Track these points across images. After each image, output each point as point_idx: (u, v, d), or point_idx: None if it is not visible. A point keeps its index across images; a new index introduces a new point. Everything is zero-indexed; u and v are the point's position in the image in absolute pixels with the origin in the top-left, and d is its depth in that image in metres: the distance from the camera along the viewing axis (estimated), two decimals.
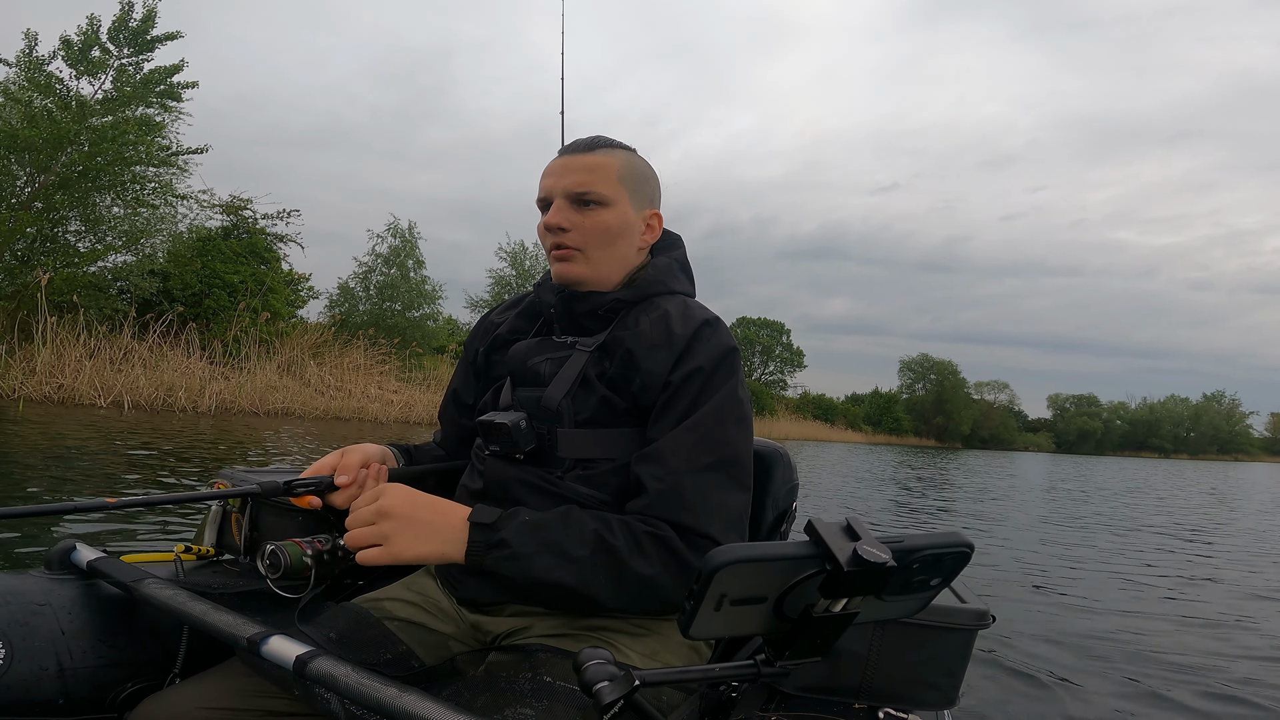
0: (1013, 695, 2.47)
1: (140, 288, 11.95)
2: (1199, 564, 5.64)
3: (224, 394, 11.50)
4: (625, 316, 1.02)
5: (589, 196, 1.00)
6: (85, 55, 11.82)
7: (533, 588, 0.86)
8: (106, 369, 10.59)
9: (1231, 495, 14.95)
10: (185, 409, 10.68)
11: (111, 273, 12.12)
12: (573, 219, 1.01)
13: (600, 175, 1.01)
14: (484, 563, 0.86)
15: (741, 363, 1.00)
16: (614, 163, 1.02)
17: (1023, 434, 65.19)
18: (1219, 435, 74.88)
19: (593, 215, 1.01)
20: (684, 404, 0.94)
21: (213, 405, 11.12)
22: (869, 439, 46.46)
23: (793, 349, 48.06)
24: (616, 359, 0.98)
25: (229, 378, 12.12)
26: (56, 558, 1.01)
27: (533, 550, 0.85)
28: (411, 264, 18.34)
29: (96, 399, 9.98)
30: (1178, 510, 10.42)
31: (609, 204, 1.01)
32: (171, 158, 12.14)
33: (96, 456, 5.49)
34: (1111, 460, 46.56)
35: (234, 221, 14.99)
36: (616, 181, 1.01)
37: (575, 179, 1.01)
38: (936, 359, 58.17)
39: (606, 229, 1.01)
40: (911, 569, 0.59)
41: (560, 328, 1.05)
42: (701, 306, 1.04)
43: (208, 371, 12.00)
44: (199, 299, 13.12)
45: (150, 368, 11.17)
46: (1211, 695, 2.64)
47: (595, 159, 1.02)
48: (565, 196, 1.01)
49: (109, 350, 10.95)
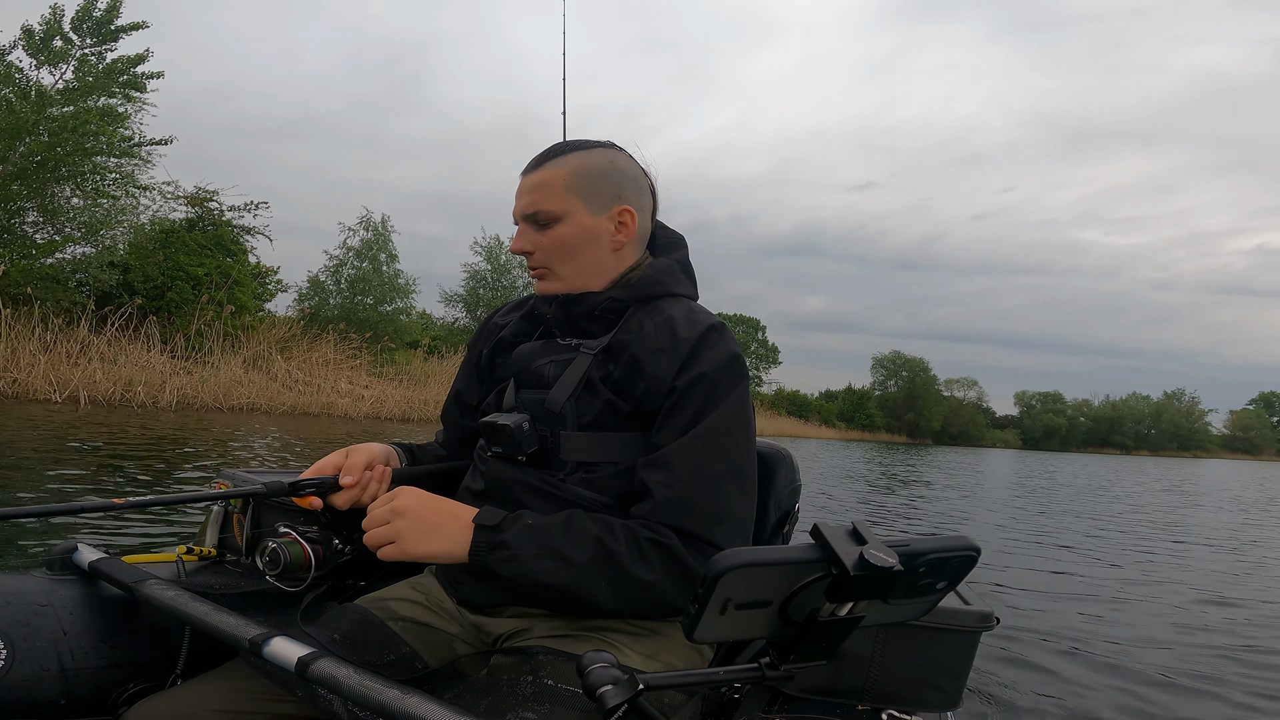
0: (1015, 696, 2.46)
1: (99, 280, 11.68)
2: (1189, 562, 5.66)
3: (185, 389, 11.28)
4: (629, 319, 1.01)
5: (540, 216, 1.01)
6: (47, 45, 11.51)
7: (533, 590, 0.88)
8: (63, 363, 10.33)
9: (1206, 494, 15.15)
10: (145, 404, 10.46)
11: (70, 265, 11.83)
12: (534, 239, 1.02)
13: (545, 192, 1.01)
14: (485, 563, 0.87)
15: (747, 368, 1.00)
16: (560, 174, 1.01)
17: (991, 430, 65.95)
18: (1179, 432, 76.16)
19: (549, 233, 1.01)
20: (690, 410, 0.94)
21: (173, 400, 10.90)
22: (842, 435, 46.86)
23: (768, 345, 48.50)
24: (621, 363, 0.98)
25: (192, 372, 11.89)
26: (58, 558, 1.01)
27: (533, 553, 0.86)
28: (385, 257, 18.13)
29: (51, 394, 9.74)
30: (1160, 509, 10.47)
31: (561, 218, 1.01)
32: (134, 148, 11.87)
33: (28, 455, 5.35)
34: (1076, 456, 47.37)
35: (199, 213, 14.70)
36: (564, 193, 1.01)
37: (526, 201, 1.02)
38: (909, 356, 58.68)
39: (565, 243, 1.01)
40: (918, 573, 0.58)
41: (562, 332, 1.05)
42: (705, 311, 1.03)
43: (169, 366, 11.76)
44: (161, 292, 12.85)
45: (108, 362, 10.92)
46: (1212, 694, 2.64)
47: (541, 175, 1.02)
48: (523, 219, 1.03)
49: (65, 344, 10.69)
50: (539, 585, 0.87)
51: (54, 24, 11.60)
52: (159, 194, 13.22)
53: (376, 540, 0.90)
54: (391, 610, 1.00)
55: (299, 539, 1.01)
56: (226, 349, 12.97)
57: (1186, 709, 2.52)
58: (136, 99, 12.28)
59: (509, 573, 0.87)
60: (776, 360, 49.39)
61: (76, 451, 5.81)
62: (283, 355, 14.07)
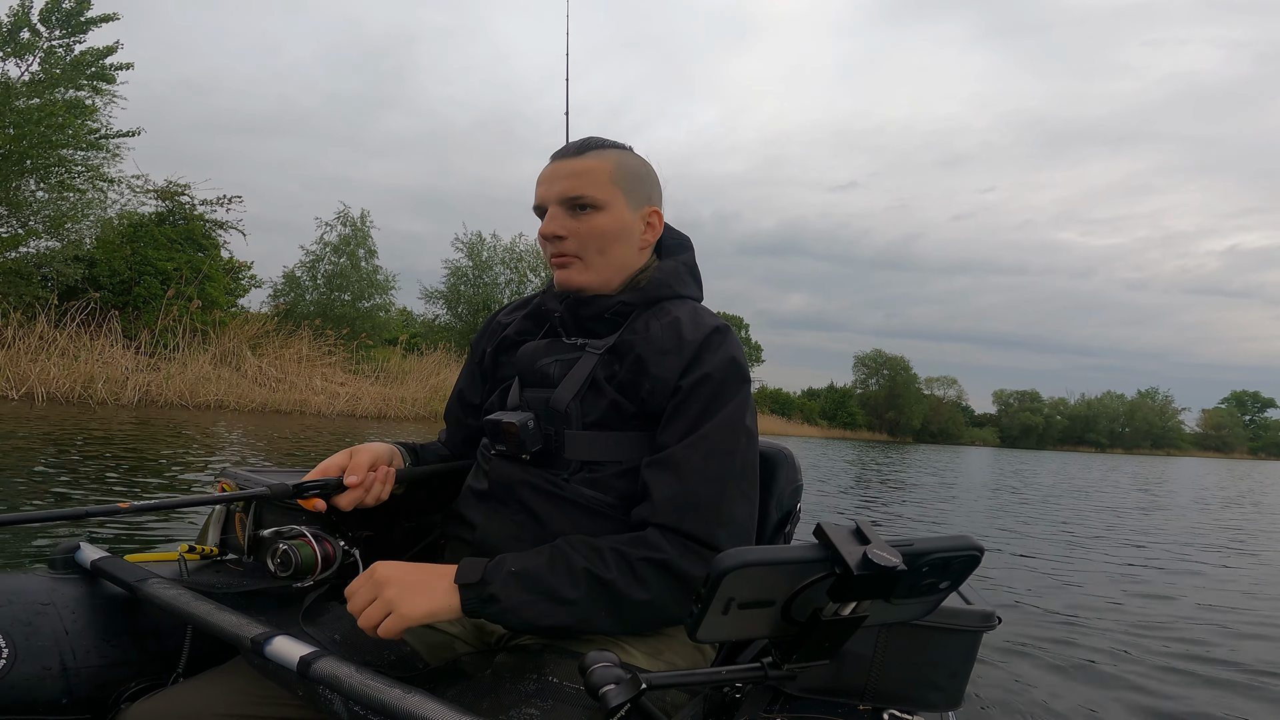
0: (1016, 696, 2.44)
1: (63, 274, 11.42)
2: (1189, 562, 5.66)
3: (149, 385, 11.03)
4: (635, 320, 1.01)
5: (582, 201, 0.99)
6: (13, 37, 11.24)
7: (536, 631, 0.88)
8: (21, 359, 10.07)
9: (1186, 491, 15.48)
10: (105, 401, 10.21)
11: (34, 259, 11.55)
12: (568, 225, 1.00)
13: (591, 178, 1.00)
14: (483, 616, 0.86)
15: (749, 371, 1.00)
16: (605, 165, 1.01)
17: (970, 429, 66.81)
18: (1152, 431, 77.25)
19: (587, 220, 1.00)
20: (694, 411, 0.94)
21: (135, 397, 10.65)
22: (824, 433, 47.16)
23: (750, 344, 48.56)
24: (626, 363, 0.98)
25: (158, 369, 11.65)
26: (60, 557, 1.01)
27: (524, 600, 0.84)
28: (363, 253, 17.93)
29: (8, 391, 9.50)
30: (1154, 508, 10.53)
31: (603, 207, 1.00)
32: (100, 141, 11.62)
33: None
34: (1053, 454, 47.89)
35: (169, 207, 14.42)
36: (609, 183, 1.00)
37: (567, 184, 1.00)
38: (890, 354, 59.09)
39: (602, 233, 1.00)
40: (921, 572, 0.58)
41: (568, 331, 1.05)
42: (711, 313, 1.04)
43: (134, 362, 11.50)
44: (128, 286, 12.59)
45: (69, 358, 10.66)
46: (1214, 691, 2.62)
47: (585, 162, 1.00)
48: (559, 203, 1.00)
49: (24, 340, 10.42)
50: (539, 628, 0.86)
51: (22, 15, 11.33)
52: (128, 187, 12.97)
53: (370, 619, 0.83)
54: None
55: (310, 540, 1.02)
56: (195, 345, 12.74)
57: (1188, 706, 2.50)
58: (105, 91, 12.04)
59: (506, 623, 0.86)
60: (759, 359, 49.53)
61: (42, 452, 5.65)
62: (255, 352, 13.85)
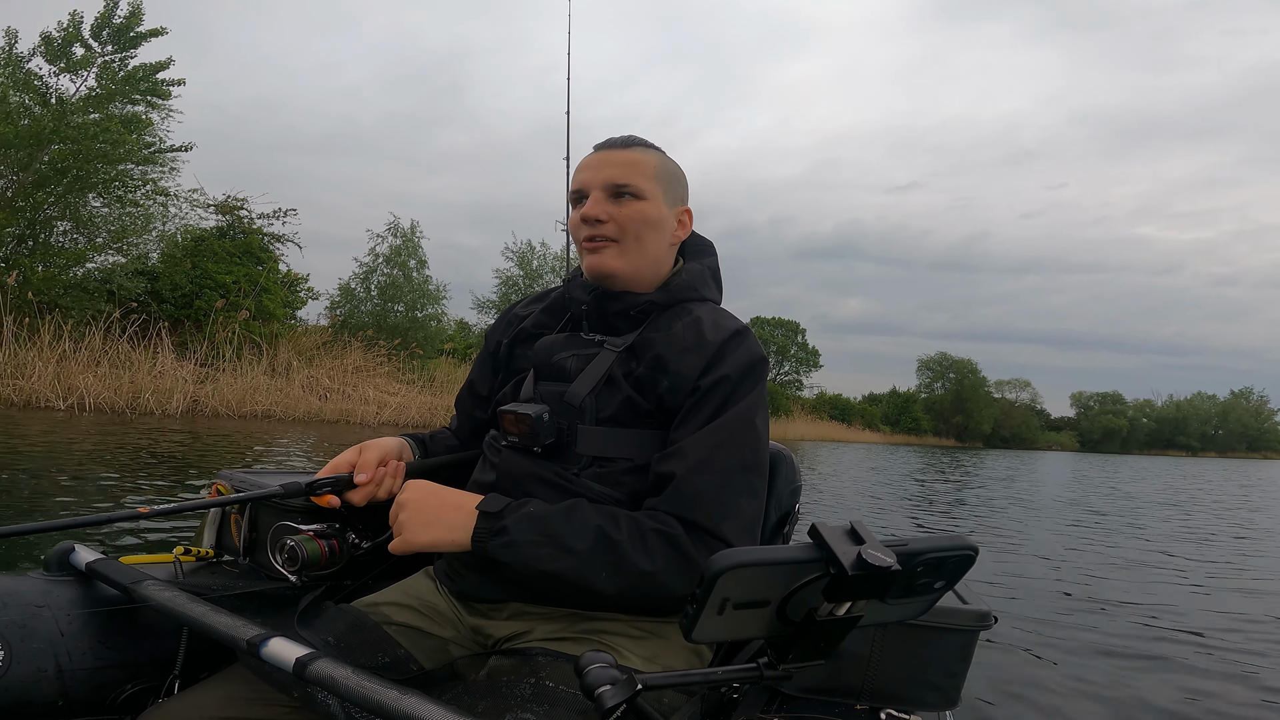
0: (1013, 695, 2.44)
1: (125, 288, 11.61)
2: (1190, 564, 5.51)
3: (197, 396, 11.05)
4: (656, 319, 1.04)
5: (627, 189, 1.03)
6: (65, 52, 11.54)
7: (532, 578, 0.89)
8: (74, 371, 10.20)
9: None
10: (151, 411, 10.26)
11: (99, 273, 11.78)
12: (610, 210, 1.03)
13: (638, 170, 1.04)
14: (486, 549, 0.88)
15: (767, 373, 1.02)
16: (650, 159, 1.06)
17: (1045, 433, 64.08)
18: (1247, 432, 73.67)
19: (629, 206, 1.03)
20: (710, 408, 0.96)
21: (180, 408, 10.65)
22: (887, 439, 45.74)
23: (808, 349, 47.36)
24: (645, 361, 1.00)
25: (215, 379, 11.71)
26: (55, 559, 1.00)
27: (532, 539, 0.87)
28: (414, 264, 17.95)
29: (56, 401, 9.61)
30: None
31: (646, 197, 1.03)
32: (154, 155, 11.81)
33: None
34: (1138, 459, 45.66)
35: (229, 221, 14.67)
36: (653, 177, 1.05)
37: (614, 172, 1.04)
38: (955, 357, 57.38)
39: (644, 219, 1.04)
40: (915, 572, 0.59)
41: (589, 325, 1.06)
42: (732, 315, 1.06)
43: (189, 373, 11.59)
44: (189, 300, 12.76)
45: (121, 368, 10.77)
46: (1212, 693, 2.59)
47: (633, 155, 1.06)
48: (603, 189, 1.04)
49: (81, 352, 10.58)
50: (538, 573, 0.87)
51: (73, 31, 11.64)
52: (186, 202, 13.19)
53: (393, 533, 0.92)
54: (385, 614, 1.00)
55: (316, 537, 1.04)
56: (251, 356, 12.78)
57: (1185, 707, 2.47)
58: (160, 106, 12.27)
59: (508, 559, 0.87)
60: (818, 364, 48.22)
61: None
62: (310, 363, 13.87)
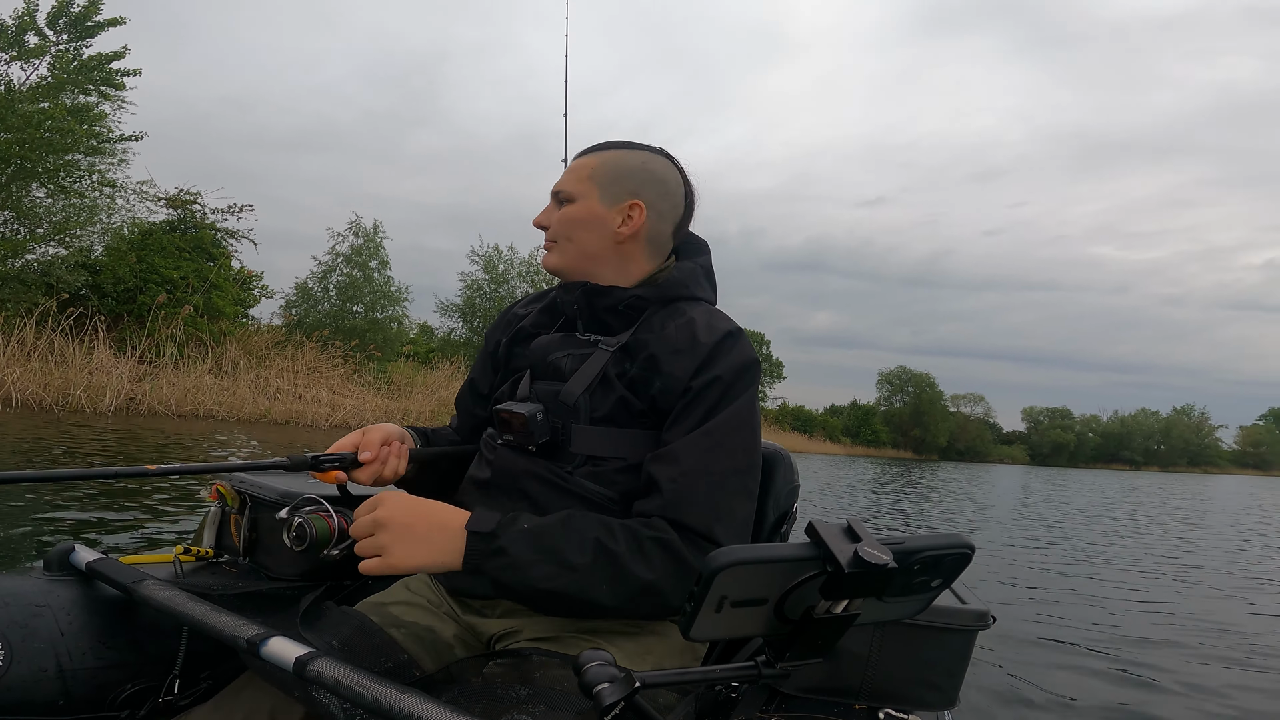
0: (1012, 695, 2.44)
1: (65, 281, 11.21)
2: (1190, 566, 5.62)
3: (133, 393, 10.65)
4: (650, 319, 1.04)
5: (561, 195, 1.09)
6: (19, 40, 11.17)
7: (532, 595, 0.87)
8: (2, 364, 9.78)
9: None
10: (83, 409, 9.88)
11: (38, 265, 11.36)
12: (550, 215, 1.09)
13: (574, 175, 1.08)
14: (482, 570, 0.86)
15: (760, 375, 1.02)
16: (591, 162, 1.08)
17: (998, 446, 65.55)
18: (1189, 448, 75.78)
19: (563, 210, 1.08)
20: (702, 410, 0.96)
21: (113, 406, 10.25)
22: (847, 450, 46.40)
23: (771, 360, 47.93)
24: (639, 360, 1.00)
25: (155, 377, 11.33)
26: (55, 559, 1.00)
27: (531, 559, 0.85)
28: (375, 264, 17.70)
29: None
30: None
31: (574, 199, 1.07)
32: (103, 145, 11.48)
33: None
34: (1084, 472, 47.00)
35: (180, 215, 14.28)
36: (586, 179, 1.07)
37: (562, 180, 1.10)
38: (915, 371, 58.46)
39: (572, 220, 1.07)
40: (912, 570, 0.59)
41: (583, 324, 1.08)
42: (726, 316, 1.06)
43: (127, 369, 11.18)
44: (133, 295, 12.37)
45: (53, 364, 10.36)
46: (1209, 693, 2.60)
47: (579, 161, 1.10)
48: (552, 196, 1.10)
49: (10, 344, 10.15)
50: (539, 591, 0.86)
51: (28, 18, 11.27)
52: (135, 194, 12.83)
53: (362, 552, 0.88)
54: (391, 616, 1.00)
55: (325, 515, 1.03)
56: (195, 355, 12.43)
57: (1182, 708, 2.48)
58: (113, 96, 11.94)
59: (507, 580, 0.86)
60: (780, 375, 48.84)
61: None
62: (260, 362, 13.55)
